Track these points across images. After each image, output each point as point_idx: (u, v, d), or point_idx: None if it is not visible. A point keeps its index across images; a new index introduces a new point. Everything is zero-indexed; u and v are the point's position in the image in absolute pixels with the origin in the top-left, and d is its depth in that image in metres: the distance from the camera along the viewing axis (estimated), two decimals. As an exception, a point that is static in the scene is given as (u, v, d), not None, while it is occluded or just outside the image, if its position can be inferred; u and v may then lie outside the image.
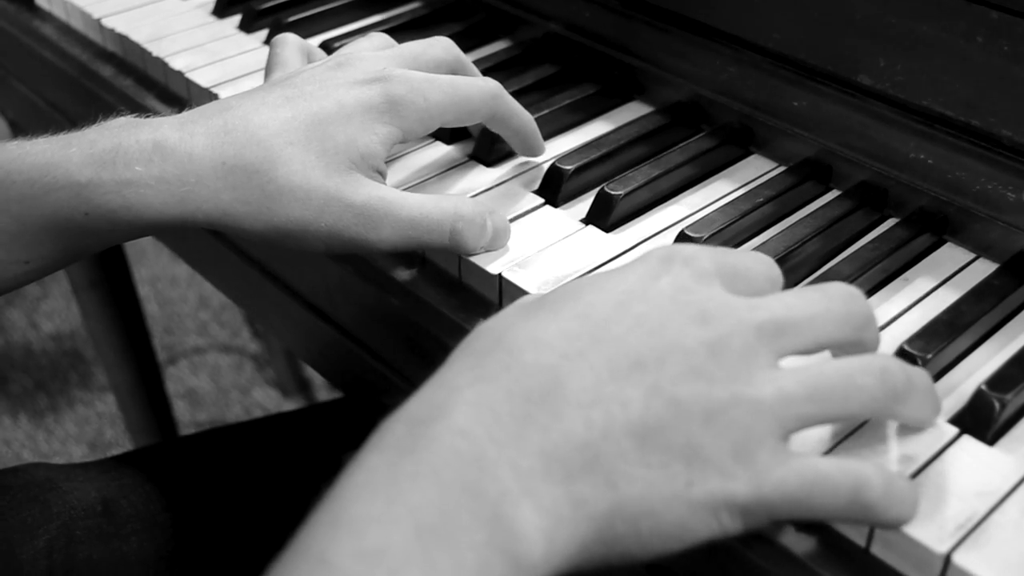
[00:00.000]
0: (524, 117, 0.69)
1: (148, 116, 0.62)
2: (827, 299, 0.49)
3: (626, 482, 0.43)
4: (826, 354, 0.51)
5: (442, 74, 0.66)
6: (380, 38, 0.70)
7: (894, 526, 0.46)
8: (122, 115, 0.62)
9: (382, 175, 0.63)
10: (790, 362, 0.47)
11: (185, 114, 0.62)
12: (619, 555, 0.44)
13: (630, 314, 0.46)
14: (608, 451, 0.43)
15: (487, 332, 0.48)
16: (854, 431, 0.51)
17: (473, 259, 0.63)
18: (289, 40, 0.71)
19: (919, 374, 0.49)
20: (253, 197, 0.59)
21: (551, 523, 0.42)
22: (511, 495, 0.41)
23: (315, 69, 0.64)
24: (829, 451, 0.50)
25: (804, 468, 0.45)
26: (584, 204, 0.69)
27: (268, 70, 0.69)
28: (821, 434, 0.51)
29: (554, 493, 0.42)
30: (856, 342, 0.49)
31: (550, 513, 0.42)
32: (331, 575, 0.39)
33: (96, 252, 0.65)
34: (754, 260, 0.51)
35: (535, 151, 0.72)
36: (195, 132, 0.59)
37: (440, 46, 0.67)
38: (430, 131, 0.65)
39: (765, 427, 0.45)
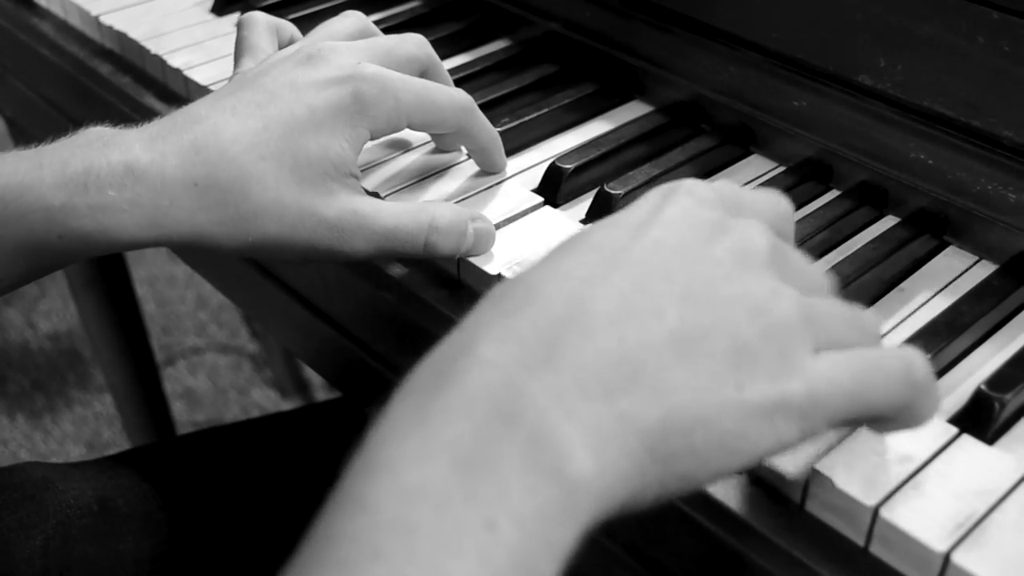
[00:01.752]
0: (491, 134, 0.69)
1: (121, 127, 0.61)
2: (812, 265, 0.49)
3: (672, 391, 0.41)
4: None
5: (415, 71, 0.66)
6: (354, 17, 0.69)
7: (924, 418, 0.46)
8: (92, 127, 0.61)
9: (356, 178, 0.62)
10: None
11: (155, 127, 0.60)
12: (678, 476, 0.42)
13: (647, 238, 0.45)
14: (648, 363, 0.42)
15: (507, 280, 0.46)
16: (854, 431, 0.51)
17: (472, 259, 0.63)
18: (258, 20, 0.70)
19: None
20: (228, 217, 0.59)
21: (597, 440, 0.40)
22: (549, 416, 0.40)
23: (285, 64, 0.63)
24: (829, 451, 0.50)
25: (853, 358, 0.44)
26: (584, 204, 0.69)
27: (236, 55, 0.69)
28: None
29: (596, 410, 0.40)
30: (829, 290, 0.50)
31: (594, 430, 0.40)
32: (374, 518, 0.37)
33: (78, 263, 0.65)
34: (757, 193, 0.50)
35: (497, 168, 0.71)
36: (166, 152, 0.59)
37: (413, 42, 0.67)
38: (397, 131, 0.64)
39: (801, 327, 0.44)
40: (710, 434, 0.42)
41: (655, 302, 0.43)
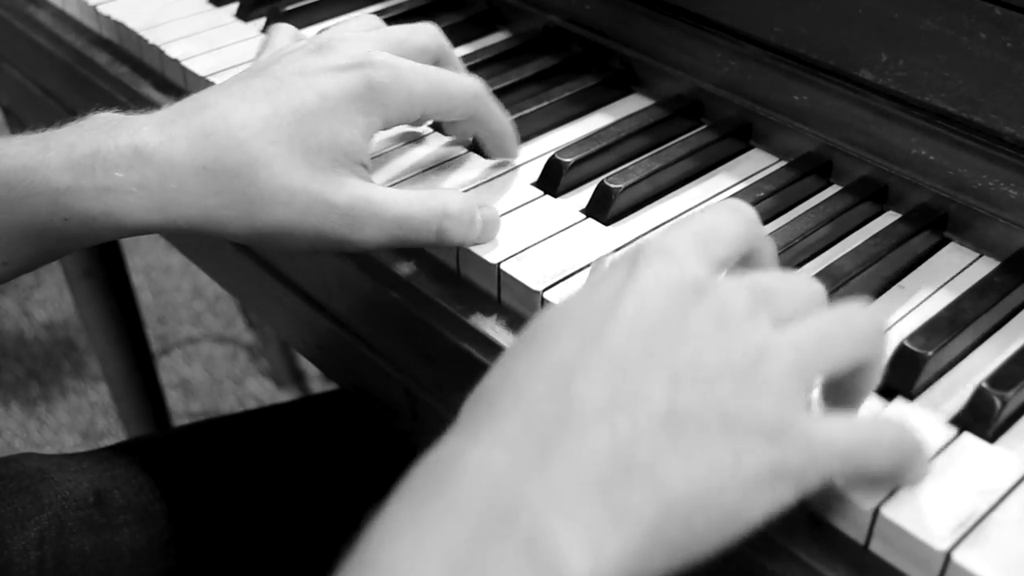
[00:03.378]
0: (503, 121, 0.68)
1: (129, 113, 0.61)
2: (795, 276, 0.48)
3: (669, 480, 0.41)
4: None
5: (426, 61, 0.65)
6: (368, 19, 0.69)
7: (912, 481, 0.47)
8: (101, 112, 0.61)
9: (366, 167, 0.62)
10: None
11: (164, 113, 0.60)
12: (681, 557, 0.41)
13: (624, 314, 0.44)
14: (642, 453, 0.41)
15: (490, 380, 0.46)
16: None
17: (472, 250, 0.63)
18: (282, 26, 0.70)
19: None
20: (235, 201, 0.58)
21: (594, 537, 0.39)
22: (545, 519, 0.39)
23: (295, 52, 0.63)
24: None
25: (850, 421, 0.45)
26: (583, 197, 0.69)
27: (258, 54, 0.69)
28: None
29: (591, 508, 0.40)
30: (822, 304, 0.49)
31: (591, 527, 0.39)
32: None
33: (85, 251, 0.65)
34: (717, 215, 0.49)
35: (509, 154, 0.71)
36: (175, 135, 0.58)
37: (426, 33, 0.66)
38: (410, 121, 0.64)
39: (791, 381, 0.43)
40: (710, 515, 0.41)
41: (641, 387, 0.42)
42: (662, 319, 0.44)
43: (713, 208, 0.50)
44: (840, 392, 0.49)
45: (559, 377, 0.43)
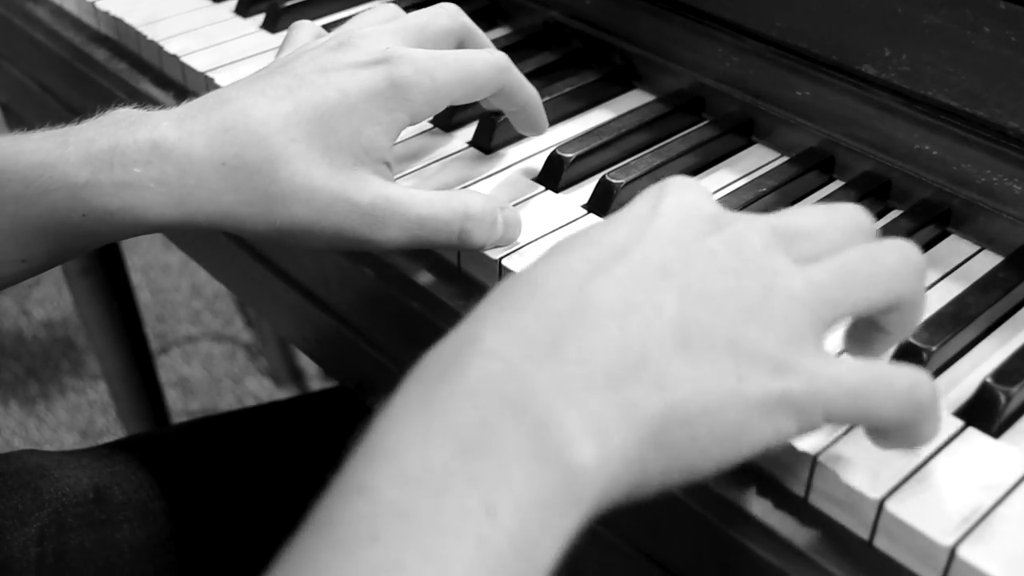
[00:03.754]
0: (530, 91, 0.67)
1: (147, 108, 0.60)
2: (833, 211, 0.48)
3: (674, 382, 0.42)
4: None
5: (450, 44, 0.65)
6: (387, 9, 0.68)
7: (922, 441, 0.46)
8: (119, 108, 0.60)
9: (389, 166, 0.61)
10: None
11: (183, 108, 0.60)
12: (680, 467, 0.42)
13: (646, 232, 0.45)
14: (651, 353, 0.42)
15: (510, 280, 0.46)
16: (855, 425, 0.50)
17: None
18: (304, 23, 0.70)
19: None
20: (255, 198, 0.58)
21: (600, 429, 0.40)
22: (554, 405, 0.40)
23: (316, 50, 0.62)
24: (831, 445, 0.50)
25: (860, 363, 0.44)
26: (585, 192, 0.69)
27: (279, 51, 0.68)
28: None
29: (600, 399, 0.40)
30: (859, 237, 0.48)
31: (598, 418, 0.40)
32: (373, 502, 0.38)
33: (94, 249, 0.64)
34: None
35: (539, 128, 0.70)
36: (194, 131, 0.58)
37: (446, 14, 0.65)
38: (438, 111, 0.63)
39: (804, 316, 0.44)
40: (712, 425, 0.42)
41: (654, 296, 0.43)
42: (680, 239, 0.45)
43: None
44: (870, 332, 0.49)
45: (576, 277, 0.44)
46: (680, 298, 0.43)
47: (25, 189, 0.57)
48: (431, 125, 0.75)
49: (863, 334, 0.49)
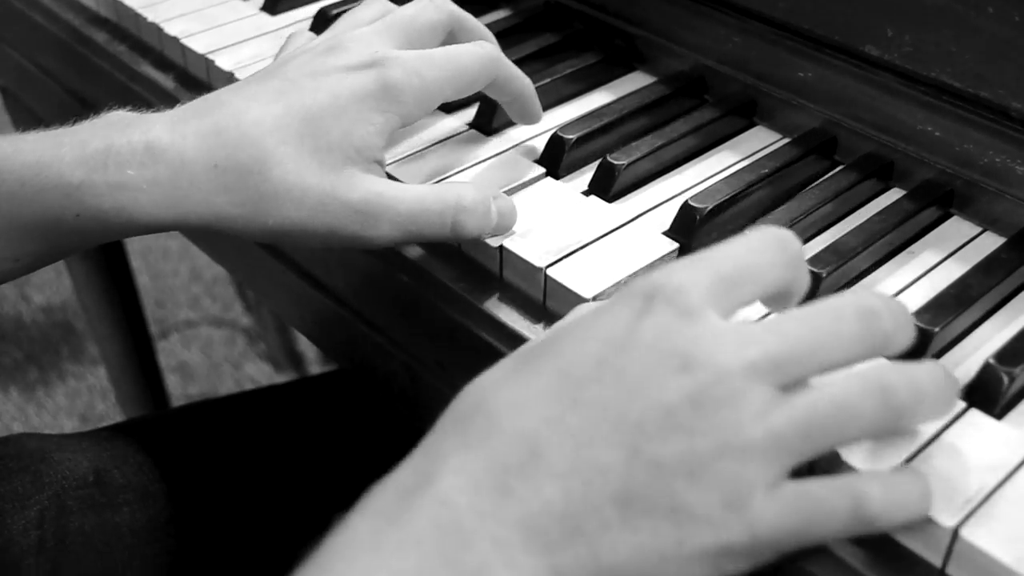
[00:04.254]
0: (523, 81, 0.67)
1: (142, 111, 0.61)
2: (839, 320, 0.45)
3: (611, 550, 0.42)
4: None
5: (439, 37, 0.65)
6: (378, 5, 0.68)
7: (908, 527, 0.46)
8: (114, 110, 0.61)
9: (381, 165, 0.61)
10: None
11: (177, 111, 0.60)
12: None
13: (610, 370, 0.44)
14: (589, 521, 0.42)
15: (471, 394, 0.47)
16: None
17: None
18: (302, 35, 0.70)
19: (928, 377, 0.46)
20: (247, 199, 0.58)
21: None
22: (490, 567, 0.41)
23: (305, 55, 0.63)
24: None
25: (797, 500, 0.43)
26: (586, 174, 0.68)
27: (276, 57, 0.68)
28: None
29: (535, 564, 0.42)
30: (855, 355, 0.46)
31: None
32: None
33: (87, 249, 0.65)
34: (757, 252, 0.47)
35: (533, 117, 0.70)
36: (186, 133, 0.58)
37: (433, 7, 0.65)
38: (430, 111, 0.63)
39: (756, 473, 0.43)
40: None
41: (602, 457, 0.43)
42: (642, 386, 0.44)
43: (758, 239, 0.47)
44: None
45: (532, 422, 0.44)
46: (627, 462, 0.43)
47: (20, 188, 0.58)
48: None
49: None
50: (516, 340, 0.59)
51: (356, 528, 0.43)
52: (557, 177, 0.68)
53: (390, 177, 0.66)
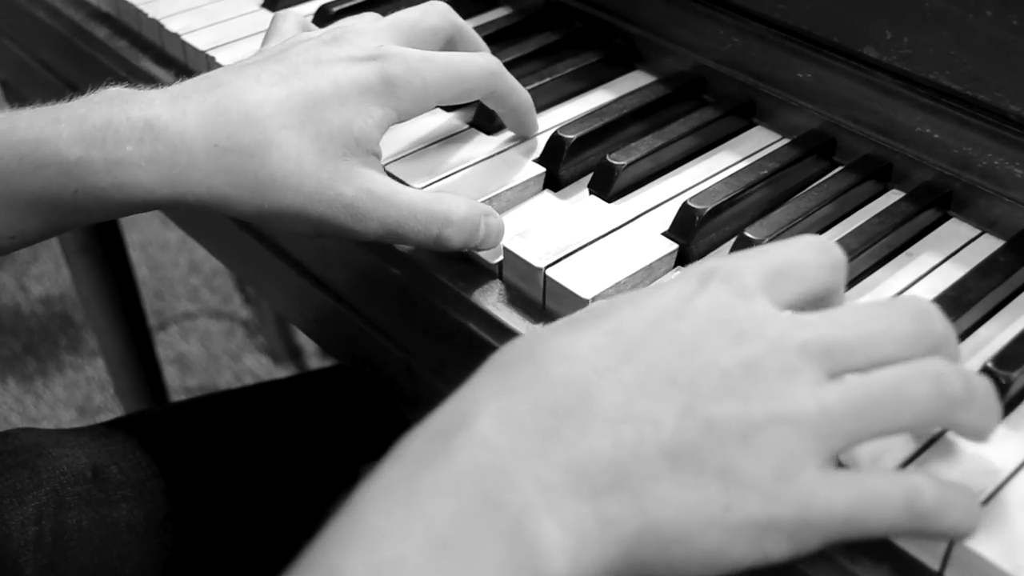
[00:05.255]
0: (522, 95, 0.68)
1: (140, 87, 0.60)
2: (892, 316, 0.45)
3: (658, 504, 0.41)
4: None
5: (439, 42, 0.65)
6: (372, 16, 0.68)
7: (956, 536, 0.45)
8: (112, 86, 0.61)
9: (377, 156, 0.61)
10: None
11: (176, 88, 0.60)
12: None
13: (664, 332, 0.44)
14: (638, 470, 0.41)
15: (516, 346, 0.46)
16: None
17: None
18: (290, 13, 0.70)
19: (980, 380, 0.45)
20: (245, 181, 0.58)
21: (575, 541, 0.40)
22: (533, 509, 0.40)
23: (309, 42, 0.63)
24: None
25: (852, 486, 0.42)
26: (586, 174, 0.69)
27: (264, 41, 0.68)
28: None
29: (580, 510, 0.40)
30: (903, 350, 0.46)
31: (574, 531, 0.40)
32: None
33: (83, 226, 0.64)
34: (803, 251, 0.47)
35: (529, 130, 0.71)
36: (187, 111, 0.58)
37: (436, 13, 0.66)
38: (426, 111, 0.63)
39: (808, 446, 0.42)
40: (689, 550, 0.41)
41: (655, 409, 0.42)
42: (697, 348, 0.44)
43: (804, 242, 0.48)
44: None
45: (582, 370, 0.43)
46: (680, 417, 0.42)
47: (18, 164, 0.57)
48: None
49: None
50: (515, 340, 0.59)
51: (388, 476, 0.41)
52: (557, 176, 0.68)
53: (390, 175, 0.66)
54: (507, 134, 0.72)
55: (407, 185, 0.66)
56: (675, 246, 0.62)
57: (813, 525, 0.42)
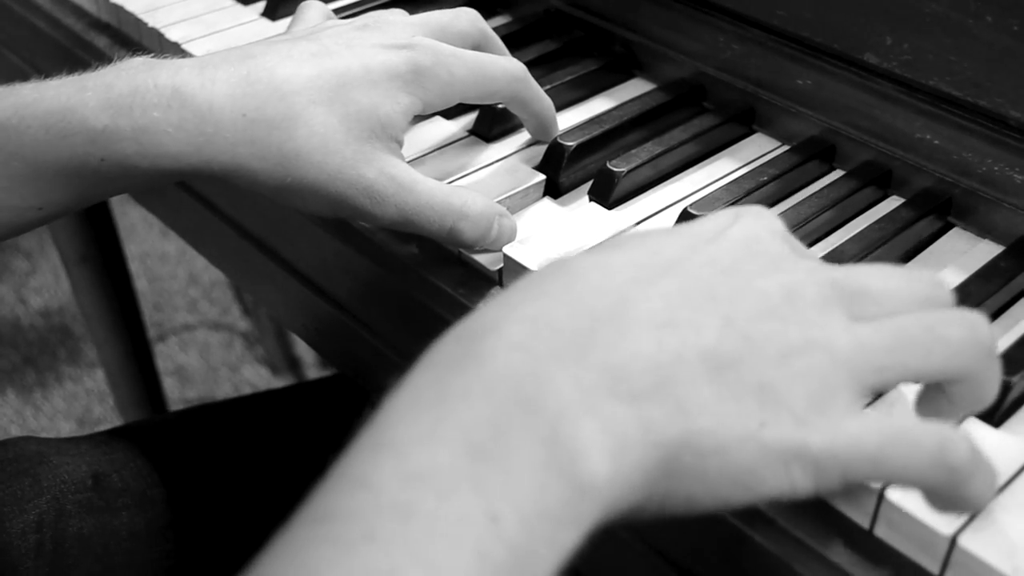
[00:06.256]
0: (544, 102, 0.68)
1: (166, 57, 0.60)
2: (911, 276, 0.46)
3: (698, 411, 0.40)
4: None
5: (467, 47, 0.66)
6: (399, 13, 0.69)
7: (970, 506, 0.44)
8: (139, 55, 0.61)
9: (399, 144, 0.61)
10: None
11: (206, 57, 0.60)
12: (683, 497, 0.41)
13: (702, 253, 0.44)
14: (680, 375, 0.41)
15: (552, 264, 0.45)
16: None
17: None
18: (316, 4, 0.70)
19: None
20: (270, 154, 0.58)
21: (616, 443, 0.39)
22: (572, 411, 0.39)
23: (340, 27, 0.63)
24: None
25: (884, 424, 0.42)
26: (586, 181, 0.69)
27: (291, 26, 0.69)
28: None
29: (620, 412, 0.39)
30: (929, 305, 0.46)
31: (615, 433, 0.39)
32: (374, 499, 0.37)
33: (110, 197, 0.64)
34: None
35: (549, 136, 0.71)
36: (216, 79, 0.58)
37: (467, 19, 0.66)
38: (450, 106, 0.64)
39: (841, 377, 0.42)
40: (725, 464, 0.41)
41: (696, 317, 0.42)
42: (735, 269, 0.44)
43: None
44: (938, 397, 0.46)
45: (621, 277, 0.43)
46: (721, 327, 0.42)
47: (45, 134, 0.57)
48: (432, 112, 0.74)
49: (931, 397, 0.47)
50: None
51: (416, 383, 0.40)
52: (557, 183, 0.68)
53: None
54: (507, 142, 0.72)
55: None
56: (675, 252, 0.62)
57: (839, 457, 0.41)
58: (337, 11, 0.87)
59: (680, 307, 0.42)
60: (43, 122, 0.57)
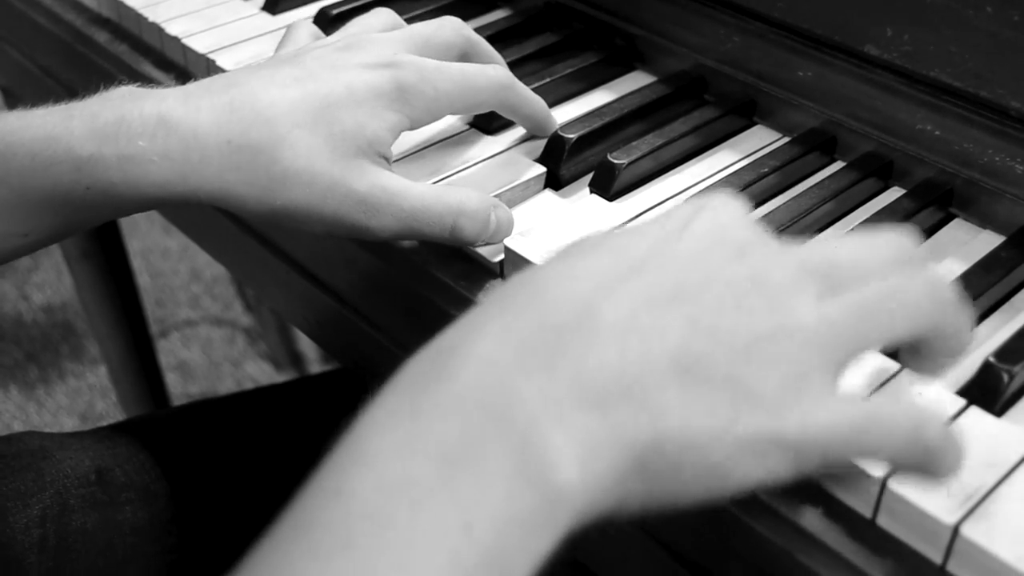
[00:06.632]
0: (535, 104, 0.69)
1: (152, 86, 0.61)
2: (872, 243, 0.47)
3: (665, 414, 0.41)
4: None
5: (453, 57, 0.66)
6: (386, 14, 0.69)
7: (943, 474, 0.45)
8: (124, 85, 0.61)
9: (388, 161, 0.62)
10: None
11: (190, 86, 0.60)
12: (660, 497, 0.42)
13: (665, 251, 0.45)
14: (646, 380, 0.41)
15: (517, 276, 0.46)
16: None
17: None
18: (303, 23, 0.71)
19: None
20: (257, 178, 0.58)
21: (585, 451, 0.40)
22: (541, 422, 0.39)
23: (323, 48, 0.63)
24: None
25: (859, 405, 0.43)
26: (587, 173, 0.69)
27: (278, 48, 0.69)
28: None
29: (588, 420, 0.40)
30: (899, 266, 0.47)
31: (584, 442, 0.40)
32: (350, 508, 0.38)
33: (96, 225, 0.65)
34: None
35: (547, 133, 0.71)
36: (200, 107, 0.58)
37: (450, 28, 0.66)
38: (437, 119, 0.64)
39: (811, 359, 0.43)
40: (699, 461, 0.41)
41: (661, 321, 0.42)
42: (700, 263, 0.44)
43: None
44: (917, 351, 0.47)
45: (584, 287, 0.43)
46: (686, 327, 0.42)
47: (31, 162, 0.57)
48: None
49: (912, 352, 0.48)
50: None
51: (390, 400, 0.41)
52: (558, 176, 0.68)
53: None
54: (508, 134, 0.72)
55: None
56: (677, 244, 0.62)
57: (817, 440, 0.42)
58: (336, 10, 0.87)
59: (644, 311, 0.43)
60: (29, 149, 0.58)
